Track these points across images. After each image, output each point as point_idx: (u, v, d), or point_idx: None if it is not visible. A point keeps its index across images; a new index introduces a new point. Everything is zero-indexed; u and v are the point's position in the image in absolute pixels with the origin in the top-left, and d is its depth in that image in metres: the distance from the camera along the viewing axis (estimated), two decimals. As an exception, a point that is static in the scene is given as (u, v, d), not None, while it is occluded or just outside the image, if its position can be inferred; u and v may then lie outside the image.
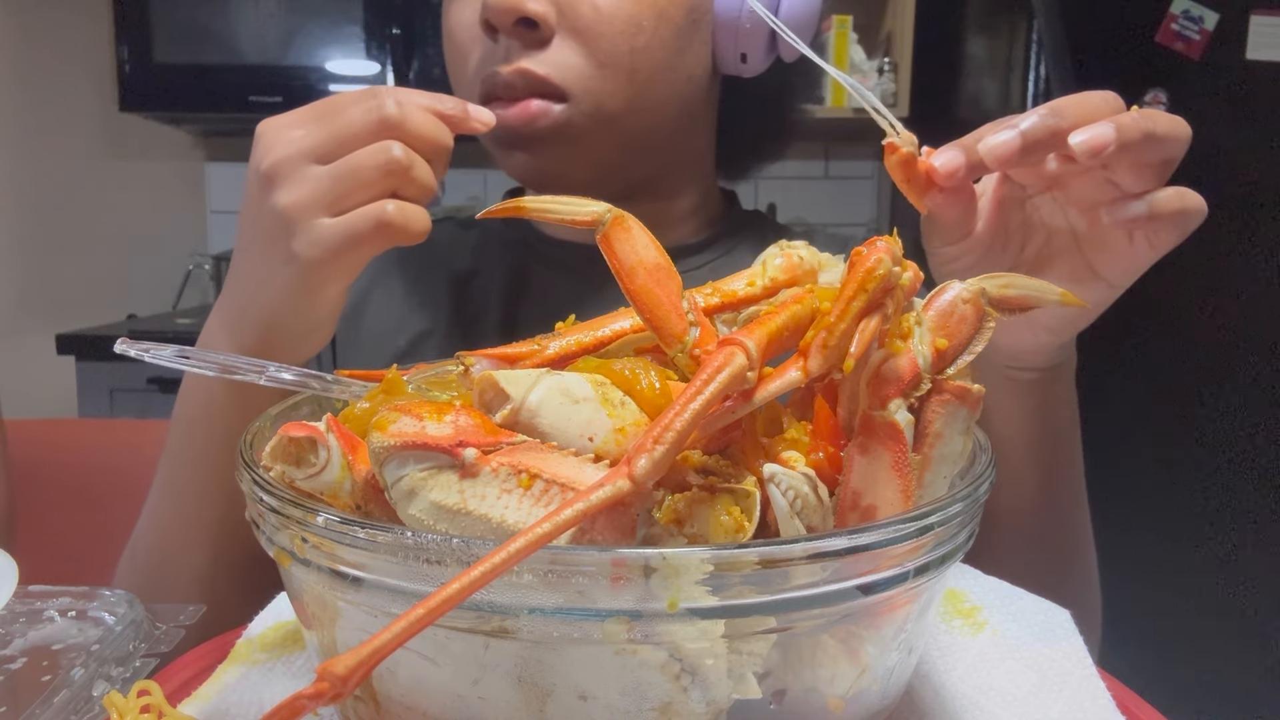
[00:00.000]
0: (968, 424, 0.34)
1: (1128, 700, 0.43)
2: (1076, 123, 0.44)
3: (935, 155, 0.45)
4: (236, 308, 0.57)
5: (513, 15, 0.61)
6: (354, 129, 0.51)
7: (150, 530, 0.63)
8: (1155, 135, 0.44)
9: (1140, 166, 0.46)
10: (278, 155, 0.51)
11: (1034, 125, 0.44)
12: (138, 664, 0.41)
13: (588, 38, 0.63)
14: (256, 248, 0.54)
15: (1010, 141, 0.44)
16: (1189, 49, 1.67)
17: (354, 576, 0.30)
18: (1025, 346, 0.56)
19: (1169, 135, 0.45)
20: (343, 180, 0.51)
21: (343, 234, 0.51)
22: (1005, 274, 0.35)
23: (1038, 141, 0.44)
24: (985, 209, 0.52)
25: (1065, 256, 0.52)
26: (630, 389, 0.34)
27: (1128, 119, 0.44)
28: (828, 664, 0.33)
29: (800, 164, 2.49)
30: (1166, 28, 1.67)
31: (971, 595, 0.49)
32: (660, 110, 0.68)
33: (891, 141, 0.43)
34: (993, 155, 0.44)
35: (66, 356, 1.97)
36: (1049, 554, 0.64)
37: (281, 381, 0.41)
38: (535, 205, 0.37)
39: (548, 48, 0.63)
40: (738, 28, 0.68)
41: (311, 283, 0.53)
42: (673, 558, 0.28)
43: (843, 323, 0.31)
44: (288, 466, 0.34)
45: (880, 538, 0.30)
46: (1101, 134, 0.43)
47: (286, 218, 0.51)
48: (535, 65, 0.63)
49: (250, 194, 0.54)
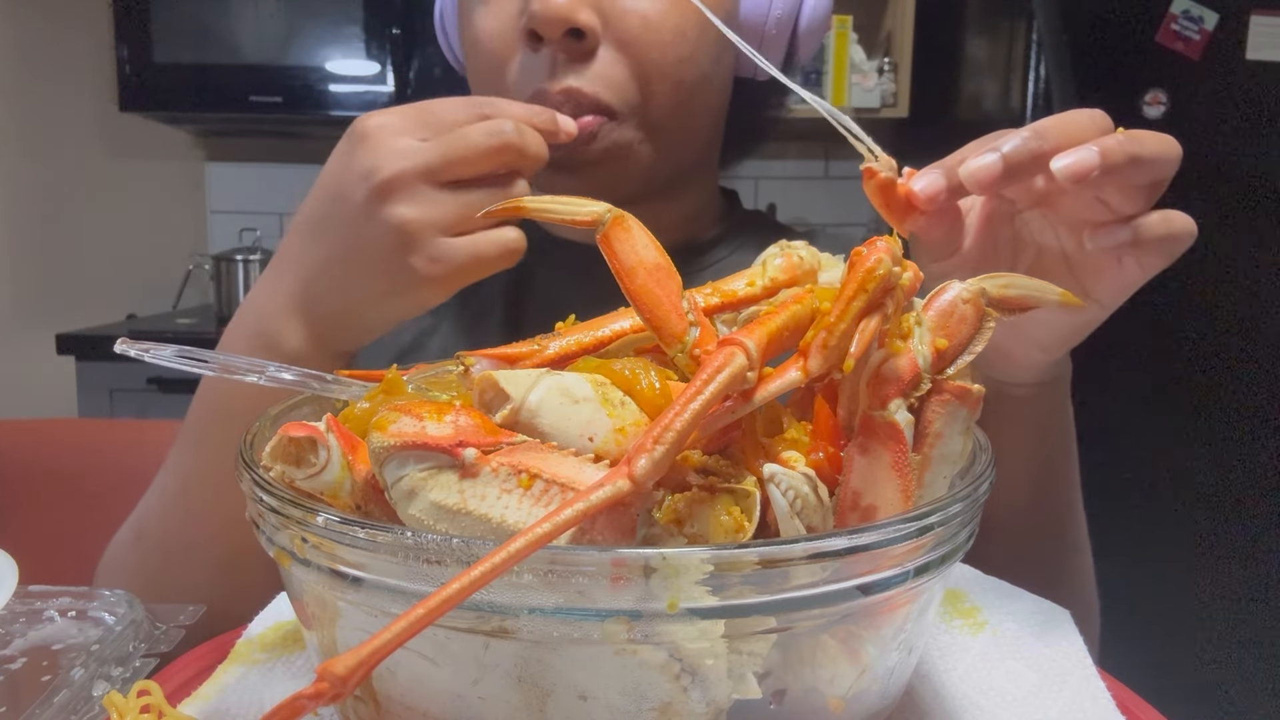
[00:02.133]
0: (968, 424, 0.34)
1: (1128, 700, 0.43)
2: (1059, 145, 0.43)
3: (915, 179, 0.44)
4: (308, 296, 0.57)
5: (562, 26, 0.60)
6: (476, 151, 0.52)
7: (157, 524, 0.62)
8: (1141, 158, 0.43)
9: (1128, 188, 0.45)
10: (396, 168, 0.52)
11: (1016, 149, 0.43)
12: (138, 664, 0.41)
13: (635, 49, 0.62)
14: (355, 252, 0.54)
15: (991, 165, 0.42)
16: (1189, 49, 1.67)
17: (354, 576, 0.30)
18: (1018, 363, 0.56)
19: (1156, 157, 0.44)
20: (470, 208, 0.52)
21: (468, 255, 0.52)
22: (1005, 274, 0.35)
23: (1020, 165, 0.43)
24: (973, 225, 0.51)
25: (1055, 274, 0.51)
26: (630, 389, 0.34)
27: (1112, 142, 0.43)
28: (828, 664, 0.33)
29: (800, 164, 2.49)
30: (1166, 28, 1.67)
31: (971, 595, 0.49)
32: (700, 118, 0.68)
33: (869, 166, 0.41)
34: (973, 179, 0.43)
35: (66, 356, 1.97)
36: (1045, 561, 0.64)
37: (281, 381, 0.41)
38: (535, 205, 0.37)
39: (592, 60, 0.62)
40: (762, 33, 0.68)
41: (422, 296, 0.54)
42: (673, 558, 0.28)
43: (843, 323, 0.31)
44: (288, 466, 0.34)
45: (880, 538, 0.30)
46: (1084, 159, 0.42)
47: (406, 233, 0.52)
48: (583, 83, 0.61)
49: (352, 196, 0.53)
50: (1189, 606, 1.76)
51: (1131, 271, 0.49)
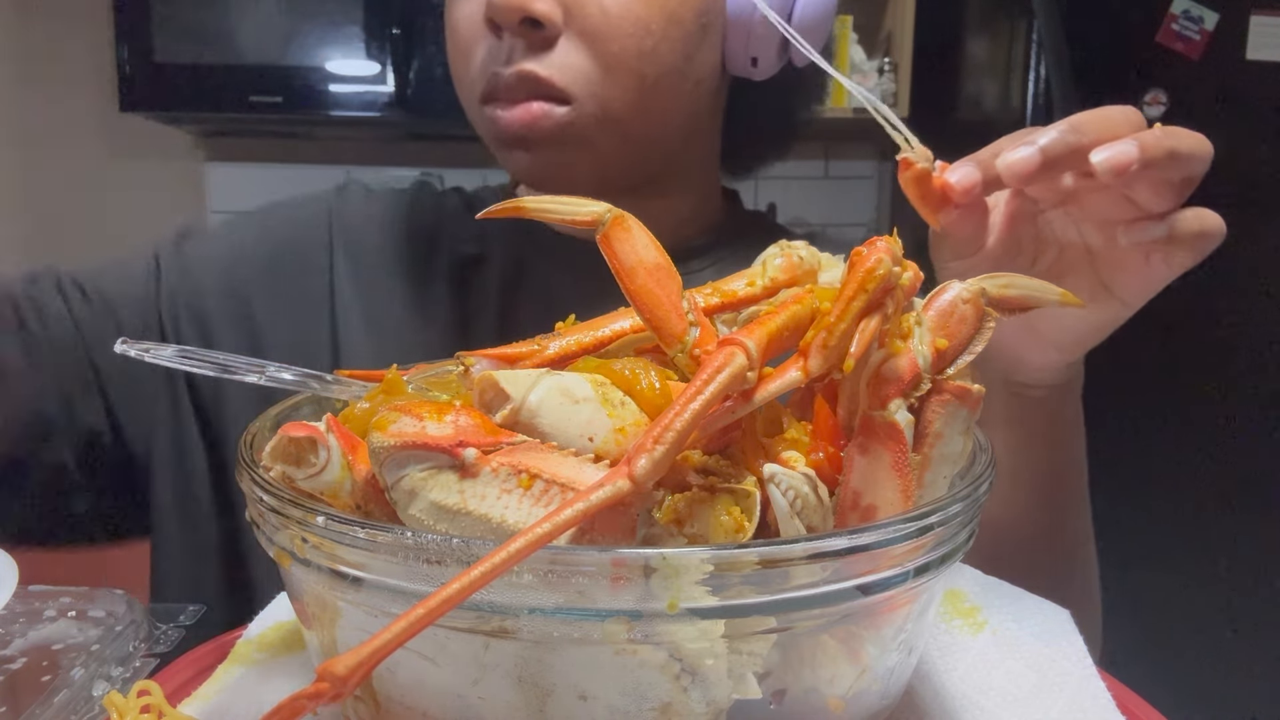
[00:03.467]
0: (968, 424, 0.34)
1: (1128, 700, 0.43)
2: (1098, 139, 0.43)
3: (950, 171, 0.44)
4: None
5: (518, 14, 0.61)
6: None
7: None
8: (1179, 153, 0.43)
9: (1160, 185, 0.45)
10: None
11: (1054, 141, 0.43)
12: (138, 664, 0.41)
13: (595, 40, 0.62)
14: None
15: (1030, 158, 0.42)
16: (1189, 49, 1.67)
17: (354, 576, 0.30)
18: (1034, 364, 0.56)
19: (1193, 153, 0.44)
20: None
21: None
22: (1005, 274, 0.35)
23: (1058, 158, 0.43)
24: (997, 223, 0.51)
25: (1078, 272, 0.51)
26: (630, 389, 0.34)
27: (1150, 137, 0.43)
28: (828, 664, 0.33)
29: (800, 164, 2.48)
30: (1166, 28, 1.67)
31: (971, 595, 0.49)
32: (667, 114, 0.68)
33: (906, 157, 0.41)
34: (1011, 172, 0.43)
35: (66, 356, 1.96)
36: (1051, 562, 0.64)
37: (281, 381, 0.41)
38: (535, 205, 0.37)
39: (553, 49, 0.62)
40: (749, 31, 0.67)
41: None
42: (673, 558, 0.28)
43: (843, 323, 0.31)
44: (288, 466, 0.34)
45: (880, 538, 0.30)
46: (1125, 152, 0.42)
47: None
48: (539, 67, 0.62)
49: None
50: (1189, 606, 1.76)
51: (1159, 269, 0.49)
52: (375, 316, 0.73)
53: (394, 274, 0.75)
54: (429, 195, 0.81)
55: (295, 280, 0.73)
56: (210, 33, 2.12)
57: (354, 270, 0.74)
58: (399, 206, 0.79)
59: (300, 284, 0.73)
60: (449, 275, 0.75)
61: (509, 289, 0.74)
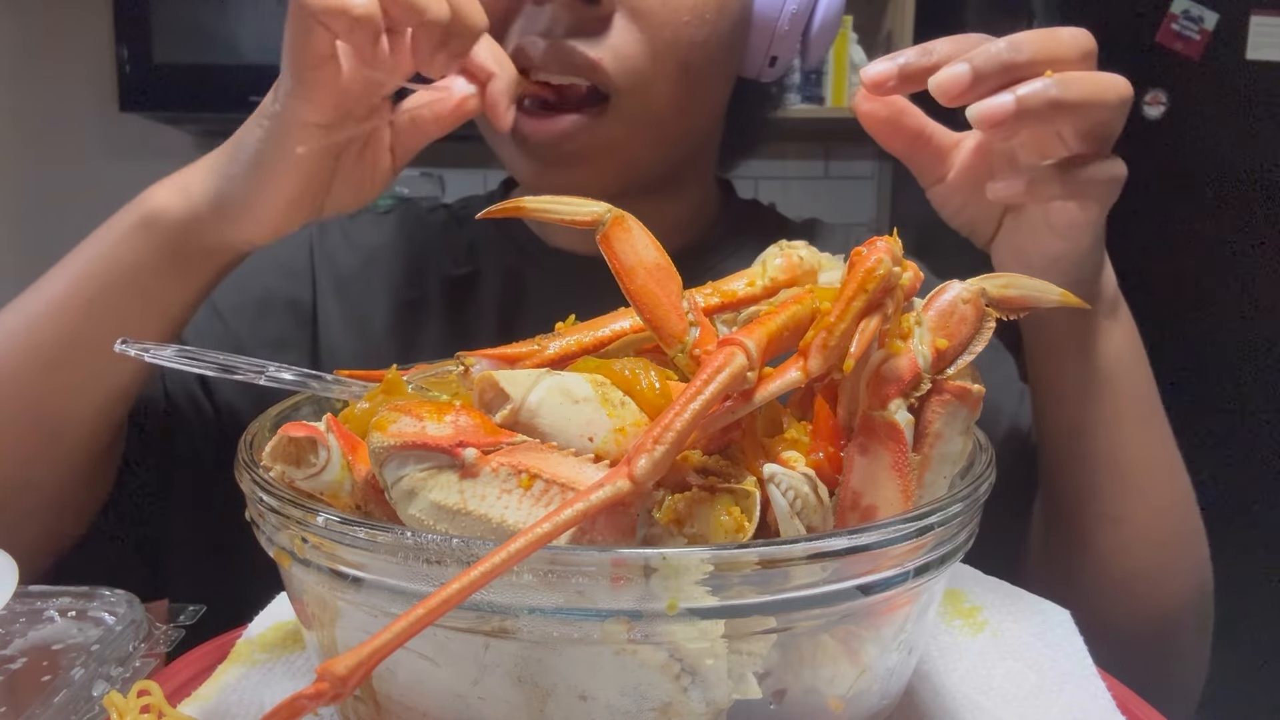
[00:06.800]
0: (968, 424, 0.34)
1: (1128, 700, 0.43)
2: (1034, 60, 0.44)
3: (874, 64, 0.49)
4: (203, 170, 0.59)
5: None
6: None
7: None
8: (1063, 103, 0.44)
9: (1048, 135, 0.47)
10: None
11: (988, 59, 0.45)
12: (138, 664, 0.41)
13: (650, 24, 0.59)
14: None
15: (960, 76, 0.45)
16: (1189, 49, 1.67)
17: (354, 576, 0.30)
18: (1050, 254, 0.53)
19: (1085, 101, 0.44)
20: None
21: None
22: (1006, 274, 0.35)
23: (989, 75, 0.45)
24: (966, 151, 0.54)
25: None
26: (630, 389, 0.34)
27: (1033, 89, 0.44)
28: (828, 664, 0.33)
29: (800, 164, 2.48)
30: (1166, 28, 1.67)
31: (971, 595, 0.49)
32: (702, 113, 0.66)
33: None
34: (941, 90, 0.45)
35: (66, 356, 1.96)
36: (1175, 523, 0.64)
37: (281, 381, 0.41)
38: (535, 205, 0.37)
39: (606, 32, 0.58)
40: (774, 30, 0.66)
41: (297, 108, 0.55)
42: (673, 558, 0.28)
43: (843, 323, 0.31)
44: (288, 466, 0.34)
45: (880, 538, 0.30)
46: (999, 104, 0.43)
47: None
48: (589, 49, 0.58)
49: None
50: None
51: (1073, 212, 0.51)
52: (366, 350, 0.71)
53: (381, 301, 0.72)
54: (413, 216, 0.78)
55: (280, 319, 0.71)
56: (210, 33, 2.12)
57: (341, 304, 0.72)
58: (382, 233, 0.76)
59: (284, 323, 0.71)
60: (441, 298, 0.73)
61: (504, 309, 0.72)
